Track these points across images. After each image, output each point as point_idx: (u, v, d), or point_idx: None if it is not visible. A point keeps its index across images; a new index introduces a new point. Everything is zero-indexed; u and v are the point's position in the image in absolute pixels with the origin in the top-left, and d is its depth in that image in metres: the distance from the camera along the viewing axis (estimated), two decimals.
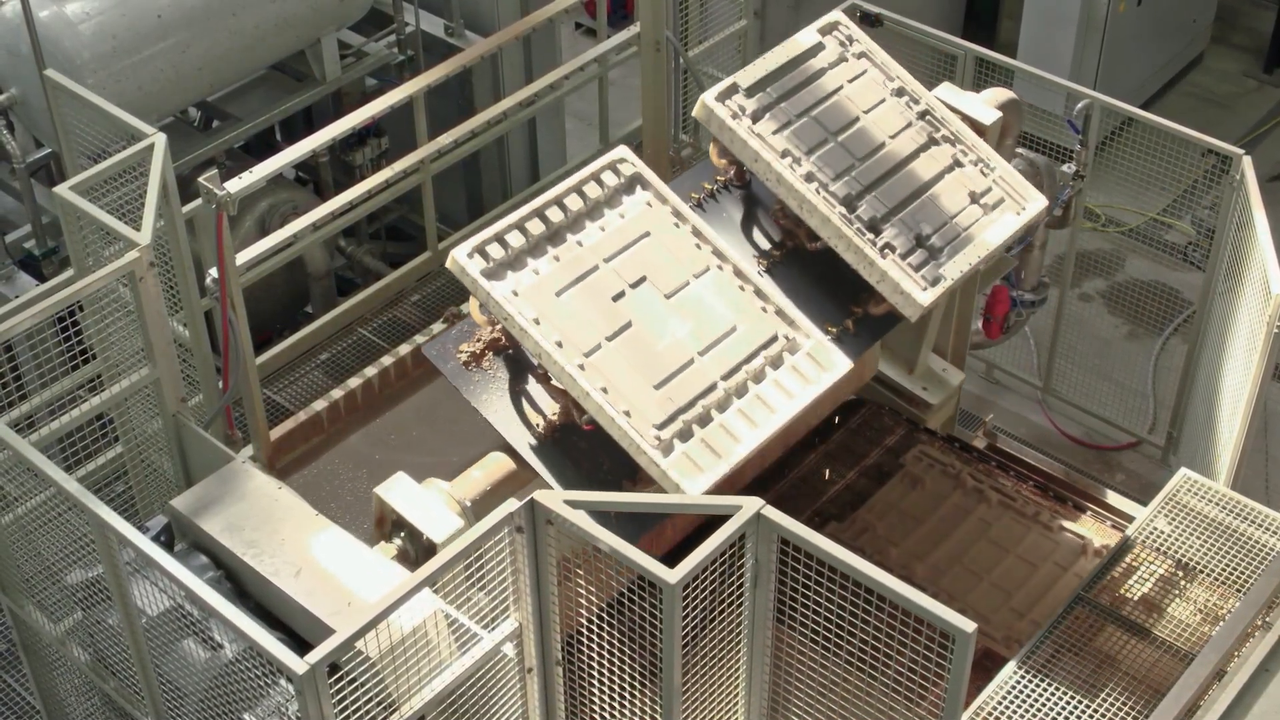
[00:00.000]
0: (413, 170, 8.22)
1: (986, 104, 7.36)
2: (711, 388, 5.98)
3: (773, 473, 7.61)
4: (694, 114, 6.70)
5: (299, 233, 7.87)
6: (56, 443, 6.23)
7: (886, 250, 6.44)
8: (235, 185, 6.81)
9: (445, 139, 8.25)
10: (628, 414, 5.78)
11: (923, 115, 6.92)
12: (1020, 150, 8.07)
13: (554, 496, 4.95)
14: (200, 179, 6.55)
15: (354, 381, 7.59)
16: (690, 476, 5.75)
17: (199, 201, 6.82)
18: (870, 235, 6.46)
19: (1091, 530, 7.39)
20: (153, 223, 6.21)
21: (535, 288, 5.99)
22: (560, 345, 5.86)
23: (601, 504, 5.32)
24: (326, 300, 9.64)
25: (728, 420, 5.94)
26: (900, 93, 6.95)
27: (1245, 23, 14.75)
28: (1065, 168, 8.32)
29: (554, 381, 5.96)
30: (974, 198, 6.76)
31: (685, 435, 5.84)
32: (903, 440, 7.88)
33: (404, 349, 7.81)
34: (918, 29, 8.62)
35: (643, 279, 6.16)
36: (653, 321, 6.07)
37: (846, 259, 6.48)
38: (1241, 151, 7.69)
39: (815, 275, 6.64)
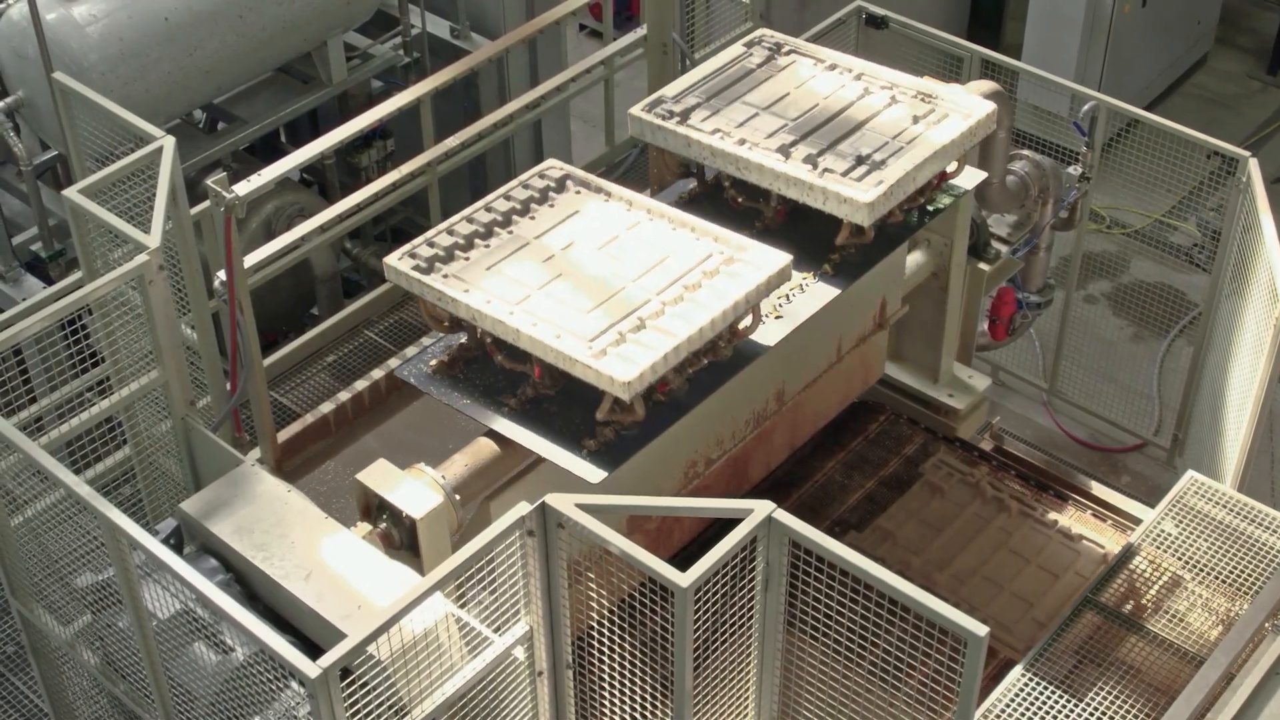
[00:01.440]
0: (419, 173, 8.22)
1: (970, 94, 7.34)
2: (646, 303, 5.94)
3: (791, 481, 7.61)
4: (630, 132, 6.89)
5: (306, 235, 7.88)
6: (64, 446, 6.22)
7: (826, 173, 6.42)
8: (244, 188, 6.81)
9: (452, 141, 8.25)
10: (559, 337, 5.79)
11: (859, 77, 6.98)
12: (1025, 152, 8.09)
13: (566, 500, 4.95)
14: (209, 181, 6.54)
15: (361, 384, 7.59)
16: (622, 366, 5.65)
17: (206, 204, 6.82)
18: (808, 166, 6.45)
19: (1112, 540, 7.34)
20: (162, 225, 6.21)
21: (465, 268, 6.14)
22: (489, 303, 5.95)
23: (613, 507, 5.31)
24: (333, 302, 9.64)
25: (663, 323, 5.86)
26: (833, 68, 7.02)
27: (1249, 24, 14.77)
28: (1071, 169, 8.33)
29: (488, 331, 5.99)
30: (916, 120, 6.74)
31: (620, 343, 5.79)
32: (921, 449, 7.87)
33: (410, 351, 7.80)
34: (923, 31, 8.63)
35: (572, 244, 6.23)
36: (583, 268, 6.11)
37: (790, 196, 6.47)
38: (1247, 153, 7.69)
39: (787, 242, 6.57)
